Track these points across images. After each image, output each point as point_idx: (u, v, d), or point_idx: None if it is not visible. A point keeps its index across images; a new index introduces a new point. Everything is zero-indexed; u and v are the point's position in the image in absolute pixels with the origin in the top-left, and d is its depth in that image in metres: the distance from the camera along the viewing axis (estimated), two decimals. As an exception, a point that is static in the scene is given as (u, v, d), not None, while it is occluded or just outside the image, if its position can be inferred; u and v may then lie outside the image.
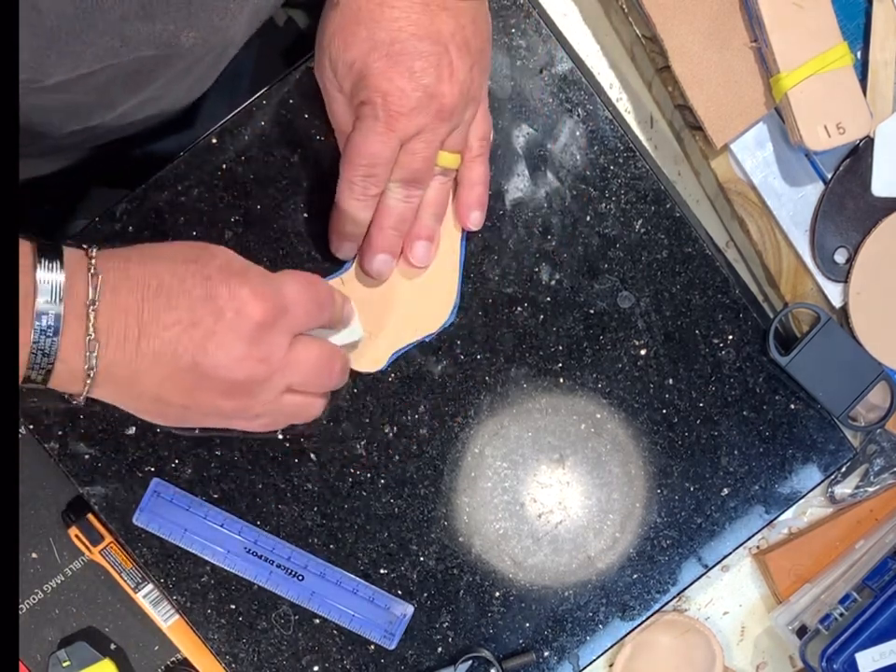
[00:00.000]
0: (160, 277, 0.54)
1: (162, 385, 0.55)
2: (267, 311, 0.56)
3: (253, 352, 0.56)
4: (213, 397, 0.57)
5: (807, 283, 0.76)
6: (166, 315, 0.54)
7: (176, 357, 0.54)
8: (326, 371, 0.61)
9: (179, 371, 0.55)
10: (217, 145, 0.69)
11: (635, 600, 0.74)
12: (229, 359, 0.55)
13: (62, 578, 0.75)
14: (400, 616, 0.72)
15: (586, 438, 0.73)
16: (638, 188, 0.72)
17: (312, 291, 0.59)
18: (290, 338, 0.58)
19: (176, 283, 0.54)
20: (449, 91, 0.61)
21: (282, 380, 0.58)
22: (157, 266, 0.55)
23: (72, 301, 0.52)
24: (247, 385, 0.57)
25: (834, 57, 0.70)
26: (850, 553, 0.80)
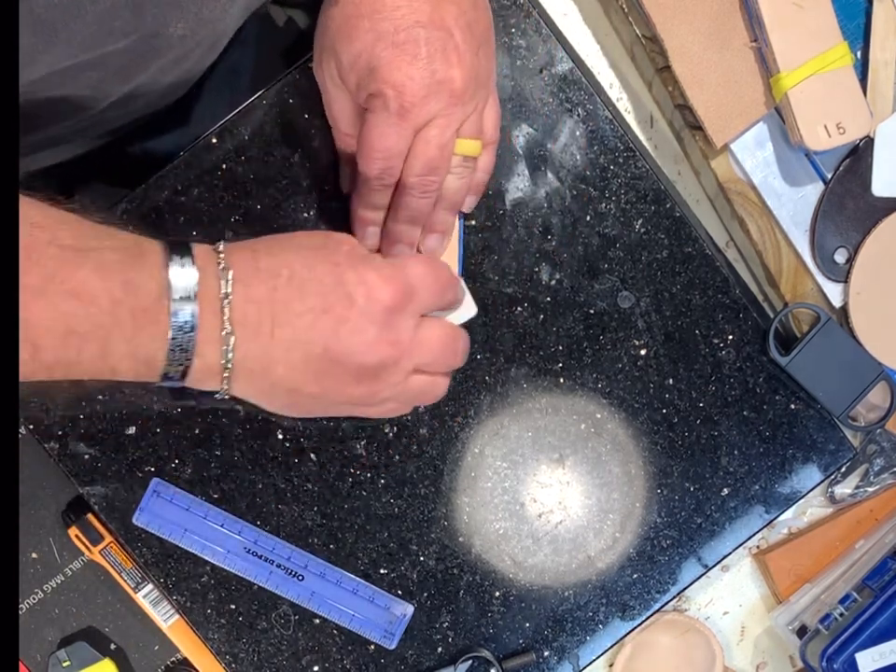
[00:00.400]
0: (290, 267, 0.55)
1: (295, 374, 0.56)
2: (396, 294, 0.57)
3: (384, 335, 0.57)
4: (344, 383, 0.58)
5: (807, 283, 0.76)
6: (298, 303, 0.55)
7: (309, 345, 0.55)
8: (451, 349, 0.62)
9: (312, 358, 0.56)
10: (217, 145, 0.69)
11: (635, 600, 0.74)
12: (361, 344, 0.56)
13: (62, 578, 0.75)
14: (400, 616, 0.72)
15: (586, 438, 0.73)
16: (638, 187, 0.72)
17: (436, 273, 0.60)
18: (417, 320, 0.59)
19: (306, 271, 0.55)
20: (458, 76, 0.61)
21: (410, 361, 0.59)
22: (285, 256, 0.56)
23: (205, 297, 0.53)
24: (378, 368, 0.57)
25: (834, 57, 0.69)
26: (850, 553, 0.80)
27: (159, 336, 0.52)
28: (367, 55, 0.60)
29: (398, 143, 0.61)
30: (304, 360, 0.56)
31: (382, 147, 0.61)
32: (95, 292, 0.50)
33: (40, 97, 0.59)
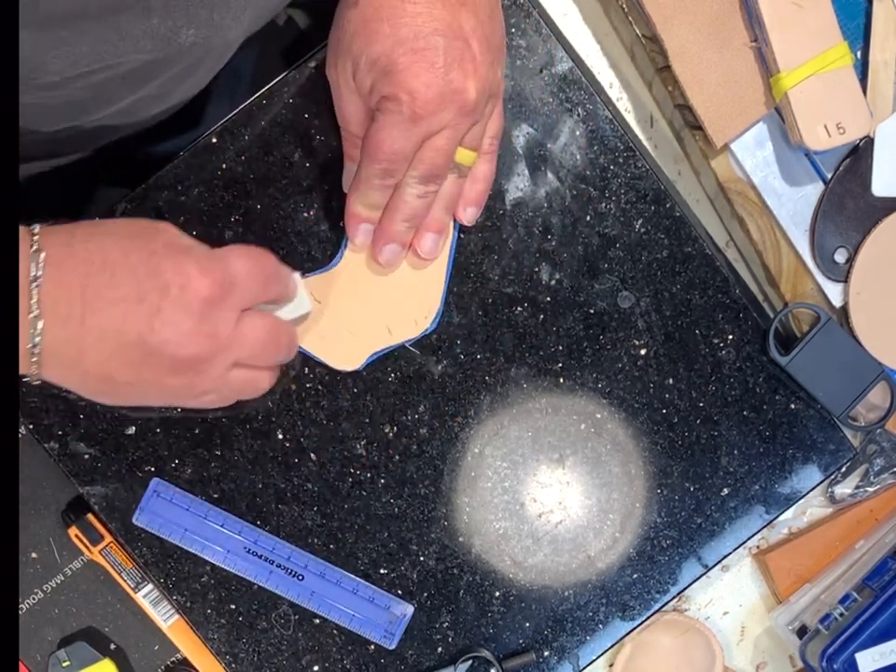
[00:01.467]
0: (104, 253, 0.54)
1: (108, 363, 0.55)
2: (214, 286, 0.55)
3: (200, 328, 0.55)
4: (160, 374, 0.56)
5: (807, 283, 0.76)
6: (111, 291, 0.53)
7: (122, 334, 0.54)
8: (273, 345, 0.60)
9: (125, 347, 0.54)
10: (217, 145, 0.69)
11: (635, 600, 0.74)
12: (176, 336, 0.54)
13: (62, 578, 0.75)
14: (400, 616, 0.72)
15: (586, 438, 0.73)
16: (638, 187, 0.72)
17: (260, 266, 0.59)
18: (238, 313, 0.57)
19: (121, 258, 0.54)
20: (473, 87, 0.61)
21: (229, 355, 0.57)
22: (101, 242, 0.54)
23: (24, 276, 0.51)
24: (195, 361, 0.56)
25: (834, 57, 0.69)
26: (850, 553, 0.80)
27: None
28: (385, 59, 0.60)
29: (405, 147, 0.61)
30: (117, 350, 0.54)
31: (390, 149, 0.61)
32: None
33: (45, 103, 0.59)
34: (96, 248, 0.54)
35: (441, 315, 0.71)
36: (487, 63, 0.62)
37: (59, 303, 0.52)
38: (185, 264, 0.55)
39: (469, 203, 0.68)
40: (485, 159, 0.67)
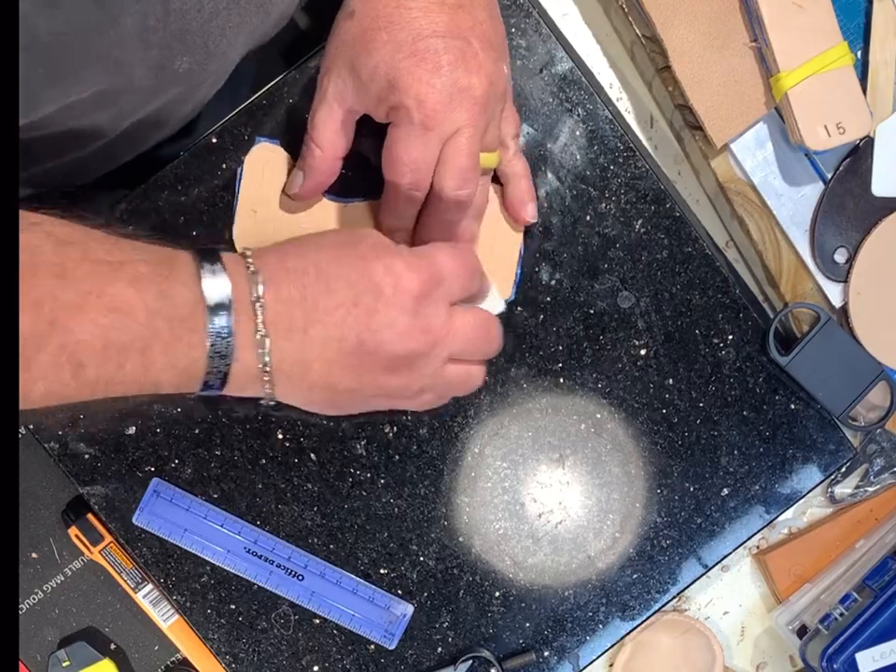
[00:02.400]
0: (316, 265, 0.55)
1: (331, 371, 0.56)
2: (423, 282, 0.56)
3: (415, 323, 0.56)
4: (379, 374, 0.57)
5: (807, 283, 0.76)
6: (327, 299, 0.54)
7: (342, 339, 0.55)
8: (484, 336, 0.61)
9: (346, 352, 0.55)
10: (217, 145, 0.69)
11: (635, 600, 0.74)
12: (393, 334, 0.56)
13: (62, 578, 0.75)
14: (400, 616, 0.72)
15: (586, 438, 0.73)
16: (638, 187, 0.72)
17: (463, 260, 0.59)
18: (448, 307, 0.58)
19: (333, 267, 0.55)
20: (479, 83, 0.60)
21: (444, 350, 0.58)
22: (311, 255, 0.56)
23: (239, 301, 0.53)
24: (412, 357, 0.57)
25: (834, 57, 0.69)
26: (850, 553, 0.80)
27: (197, 344, 0.52)
28: (385, 66, 0.60)
29: (424, 154, 0.61)
30: (339, 356, 0.55)
31: (409, 159, 0.61)
32: (132, 304, 0.50)
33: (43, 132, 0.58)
34: (308, 262, 0.55)
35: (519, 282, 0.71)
36: (491, 59, 0.61)
37: (281, 319, 0.54)
38: (393, 264, 0.56)
39: (526, 200, 0.69)
40: (517, 157, 0.68)
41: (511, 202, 0.69)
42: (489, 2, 0.63)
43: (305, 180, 0.66)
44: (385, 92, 0.60)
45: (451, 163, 0.61)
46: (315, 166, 0.65)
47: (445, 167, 0.61)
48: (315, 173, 0.66)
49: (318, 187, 0.67)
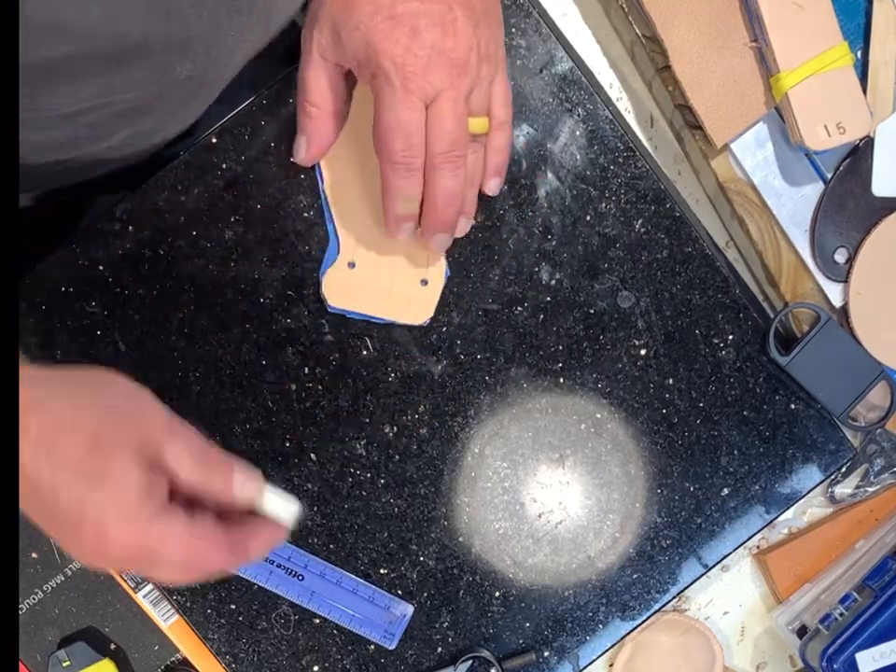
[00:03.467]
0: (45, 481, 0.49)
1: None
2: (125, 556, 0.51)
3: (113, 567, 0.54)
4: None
5: (807, 282, 0.76)
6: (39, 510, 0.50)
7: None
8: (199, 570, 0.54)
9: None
10: (217, 145, 0.69)
11: (635, 600, 0.74)
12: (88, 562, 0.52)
13: (62, 578, 0.75)
14: (400, 616, 0.72)
15: (586, 438, 0.73)
16: (638, 187, 0.72)
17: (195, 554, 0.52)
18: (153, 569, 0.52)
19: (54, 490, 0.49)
20: (454, 45, 0.60)
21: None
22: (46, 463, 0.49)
23: None
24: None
25: (834, 57, 0.69)
26: (850, 553, 0.80)
27: None
28: (364, 28, 0.59)
29: (410, 116, 0.60)
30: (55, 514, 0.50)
31: (397, 123, 0.60)
32: None
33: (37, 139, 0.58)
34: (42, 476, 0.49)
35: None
36: (470, 24, 0.60)
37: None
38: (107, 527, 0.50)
39: (491, 174, 0.67)
40: (502, 129, 0.66)
41: None
42: None
43: (309, 143, 0.66)
44: (364, 54, 0.60)
45: (438, 129, 0.61)
46: (315, 126, 0.65)
47: (433, 133, 0.61)
48: (316, 133, 0.66)
49: (323, 148, 0.67)
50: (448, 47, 0.60)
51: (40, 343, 0.69)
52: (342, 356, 0.71)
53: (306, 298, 0.70)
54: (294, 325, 0.70)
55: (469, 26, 0.60)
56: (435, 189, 0.63)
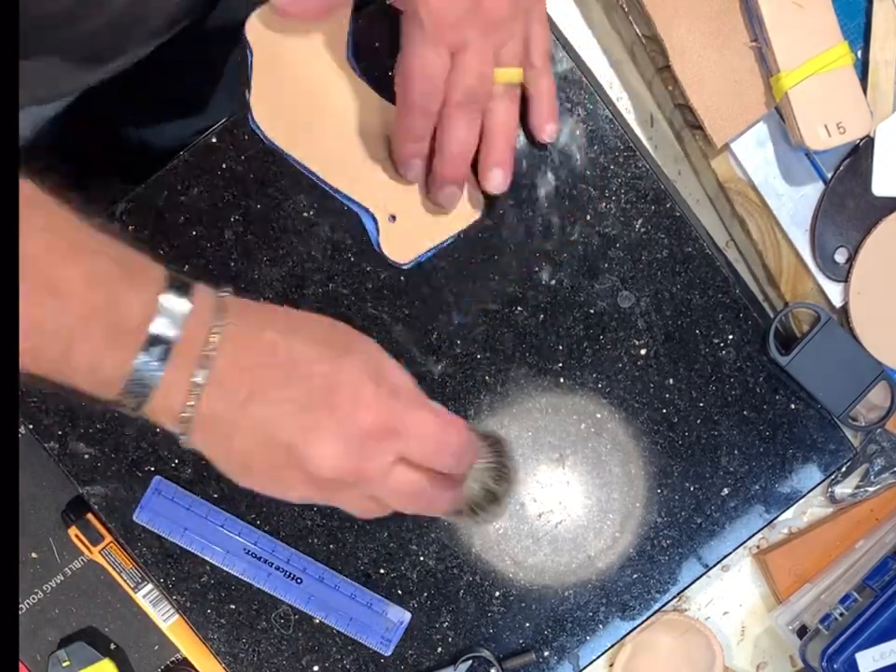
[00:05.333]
0: (290, 352, 0.52)
1: (252, 454, 0.53)
2: (377, 423, 0.53)
3: (350, 458, 0.53)
4: (297, 481, 0.54)
5: (807, 282, 0.76)
6: (280, 390, 0.51)
7: (275, 433, 0.52)
8: (418, 498, 0.56)
9: (272, 446, 0.52)
10: (217, 145, 0.69)
11: (635, 600, 0.74)
12: (321, 457, 0.52)
13: (62, 578, 0.75)
14: (397, 623, 0.72)
15: (586, 438, 0.73)
16: (638, 187, 0.72)
17: (441, 433, 0.55)
18: (395, 458, 0.54)
19: (304, 364, 0.52)
20: (493, 2, 0.60)
21: (367, 490, 0.55)
22: (292, 340, 0.52)
23: (188, 341, 0.49)
24: (333, 484, 0.54)
25: (835, 56, 0.69)
26: (850, 553, 0.80)
27: (123, 363, 0.48)
28: None
29: (434, 63, 0.60)
30: (264, 445, 0.52)
31: (420, 66, 0.60)
32: (74, 294, 0.46)
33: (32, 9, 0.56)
34: (286, 345, 0.52)
35: None
36: None
37: (227, 379, 0.50)
38: (363, 389, 0.53)
39: (546, 120, 0.68)
40: (542, 74, 0.66)
41: (532, 120, 0.68)
42: None
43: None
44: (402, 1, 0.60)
45: (459, 81, 0.61)
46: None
47: (453, 84, 0.61)
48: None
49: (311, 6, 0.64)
50: (486, 1, 0.60)
51: (40, 343, 0.69)
52: (341, 356, 0.71)
53: (306, 298, 0.70)
54: (294, 325, 0.70)
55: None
56: (448, 136, 0.63)
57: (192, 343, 0.49)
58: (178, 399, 0.50)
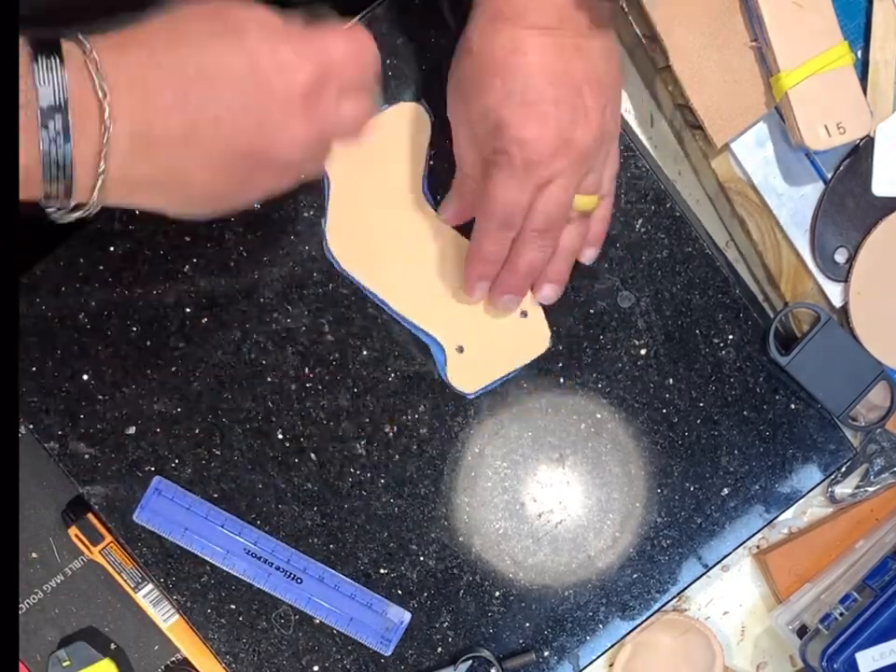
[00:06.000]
0: (197, 61, 0.49)
1: (216, 181, 0.52)
2: (312, 77, 0.52)
3: (309, 126, 0.53)
4: (266, 178, 0.55)
5: (807, 282, 0.76)
6: (214, 105, 0.50)
7: (231, 147, 0.51)
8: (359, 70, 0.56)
9: (234, 158, 0.52)
10: (217, 145, 0.69)
11: (635, 600, 0.74)
12: (286, 141, 0.52)
13: (62, 578, 0.75)
14: (397, 623, 0.72)
15: (586, 438, 0.73)
16: (639, 187, 0.72)
17: (358, 47, 0.55)
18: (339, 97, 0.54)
19: (214, 63, 0.50)
20: (583, 136, 0.61)
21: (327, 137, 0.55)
22: (188, 51, 0.50)
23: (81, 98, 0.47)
24: (302, 158, 0.54)
25: (835, 56, 0.69)
26: (850, 553, 0.80)
27: (30, 147, 0.46)
28: (496, 113, 0.60)
29: (519, 197, 0.62)
30: (225, 163, 0.51)
31: (503, 199, 0.62)
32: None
33: None
34: (185, 58, 0.49)
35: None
36: (599, 108, 0.62)
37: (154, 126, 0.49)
38: (283, 53, 0.51)
39: (590, 245, 0.69)
40: (604, 201, 0.68)
41: None
42: (608, 46, 0.64)
43: (459, 208, 0.68)
44: (492, 136, 0.61)
45: (541, 209, 0.62)
46: (469, 194, 0.66)
47: (535, 211, 0.62)
48: (469, 199, 0.66)
49: (468, 215, 0.68)
50: (577, 136, 0.61)
51: (40, 343, 0.69)
52: (342, 356, 0.71)
53: (306, 298, 0.70)
54: (294, 325, 0.70)
55: (598, 110, 0.62)
56: (520, 257, 0.65)
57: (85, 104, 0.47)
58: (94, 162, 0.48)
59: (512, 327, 0.71)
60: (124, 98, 0.48)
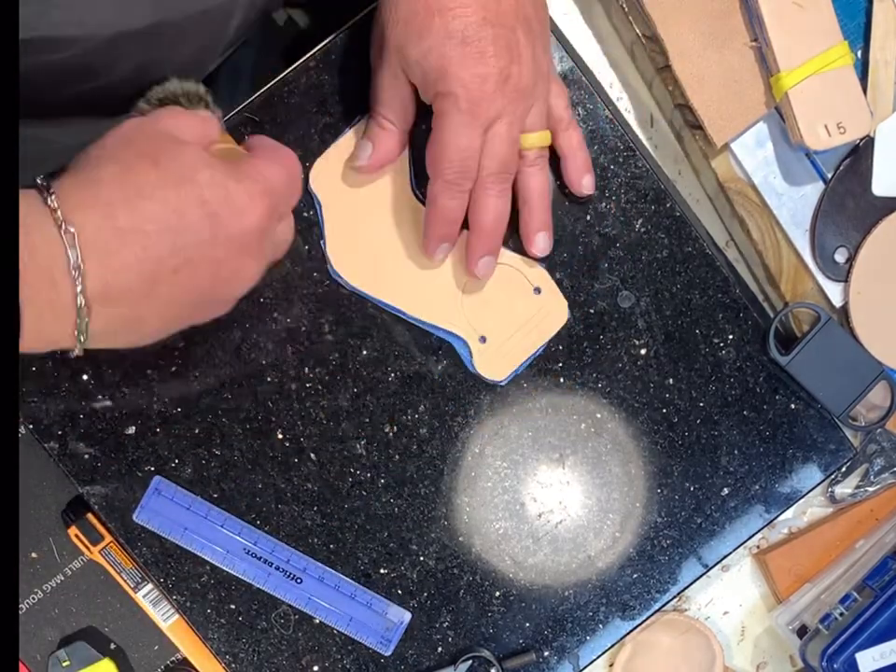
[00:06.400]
0: (154, 216, 0.50)
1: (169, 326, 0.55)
2: (265, 212, 0.55)
3: (261, 260, 0.56)
4: (218, 310, 0.58)
5: (807, 282, 0.76)
6: (173, 259, 0.51)
7: (190, 295, 0.53)
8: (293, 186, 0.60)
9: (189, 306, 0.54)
10: (217, 144, 0.69)
11: (635, 600, 0.74)
12: (243, 282, 0.56)
13: (62, 578, 0.75)
14: (397, 623, 0.72)
15: (586, 438, 0.73)
16: (639, 187, 0.72)
17: (289, 169, 0.59)
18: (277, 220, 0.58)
19: (174, 216, 0.51)
20: (519, 72, 0.62)
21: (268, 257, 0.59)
22: (147, 206, 0.50)
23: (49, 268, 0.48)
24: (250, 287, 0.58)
25: (835, 56, 0.69)
26: (850, 553, 0.80)
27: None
28: (436, 53, 0.60)
29: (471, 141, 0.62)
30: (181, 309, 0.54)
31: (457, 146, 0.62)
32: None
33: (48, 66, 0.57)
34: (146, 216, 0.50)
35: None
36: (531, 46, 0.63)
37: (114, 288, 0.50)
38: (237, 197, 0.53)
39: (582, 173, 0.69)
40: (571, 128, 0.68)
41: (569, 176, 0.70)
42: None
43: (374, 153, 0.67)
44: (433, 78, 0.61)
45: (493, 152, 0.63)
46: (385, 139, 0.66)
47: (488, 155, 0.63)
48: (384, 146, 0.67)
49: (384, 162, 0.68)
50: (513, 72, 0.61)
51: (40, 343, 0.69)
52: (341, 356, 0.71)
53: (306, 298, 0.70)
54: (294, 325, 0.70)
55: (530, 48, 0.62)
56: (483, 208, 0.65)
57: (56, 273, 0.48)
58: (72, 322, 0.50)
59: (529, 306, 0.71)
60: (84, 263, 0.49)
